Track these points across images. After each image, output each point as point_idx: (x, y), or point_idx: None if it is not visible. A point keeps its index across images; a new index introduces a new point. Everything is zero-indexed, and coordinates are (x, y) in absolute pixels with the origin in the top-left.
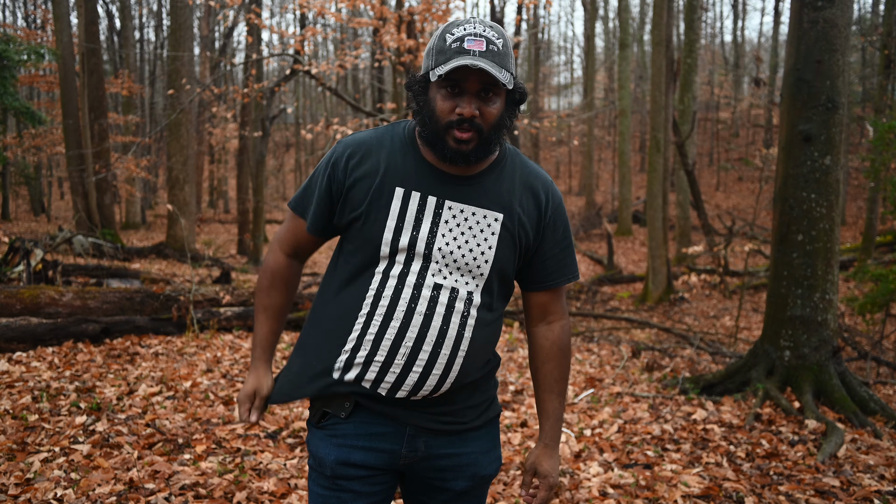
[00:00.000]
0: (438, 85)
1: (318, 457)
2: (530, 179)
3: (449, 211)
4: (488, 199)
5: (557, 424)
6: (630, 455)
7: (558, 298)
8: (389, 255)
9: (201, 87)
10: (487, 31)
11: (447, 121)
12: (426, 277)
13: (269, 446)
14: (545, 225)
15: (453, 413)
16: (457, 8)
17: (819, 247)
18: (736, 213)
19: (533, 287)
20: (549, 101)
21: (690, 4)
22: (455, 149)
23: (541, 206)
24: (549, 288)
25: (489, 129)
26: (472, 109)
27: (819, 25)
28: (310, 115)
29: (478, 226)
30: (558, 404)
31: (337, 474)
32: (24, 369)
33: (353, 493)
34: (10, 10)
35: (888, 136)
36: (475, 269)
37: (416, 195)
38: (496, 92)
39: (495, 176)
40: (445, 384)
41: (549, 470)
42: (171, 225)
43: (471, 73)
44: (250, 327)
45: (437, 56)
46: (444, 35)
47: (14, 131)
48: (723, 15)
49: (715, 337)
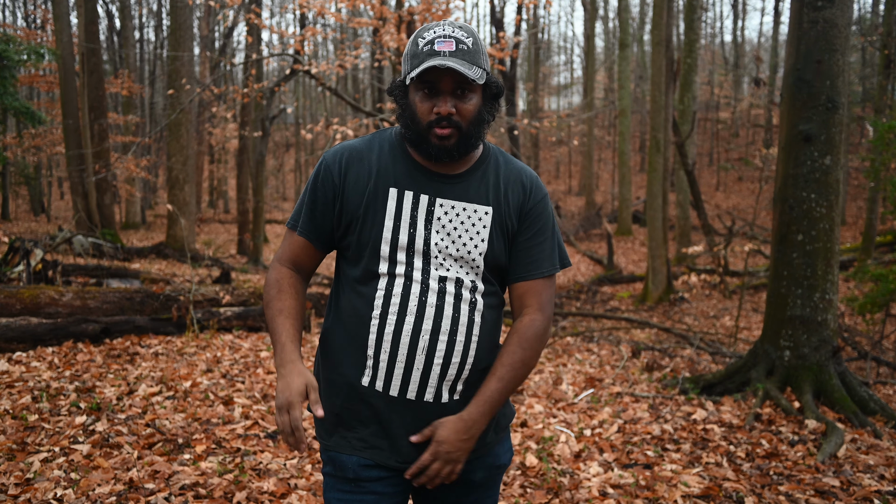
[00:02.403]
0: (416, 87)
1: (337, 462)
2: (515, 173)
3: (441, 208)
4: (477, 195)
5: (485, 407)
6: (630, 455)
7: (532, 293)
8: (390, 254)
9: (201, 87)
10: (456, 32)
11: (427, 121)
12: (430, 272)
13: (269, 446)
14: (525, 214)
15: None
16: (457, 8)
17: (819, 247)
18: (736, 213)
19: (510, 279)
20: (549, 101)
21: (690, 4)
22: (438, 146)
23: (524, 197)
24: (523, 279)
25: (468, 124)
26: (449, 108)
27: (819, 25)
28: (310, 115)
29: (469, 220)
30: (495, 388)
31: (360, 476)
32: (24, 369)
33: (376, 495)
34: (10, 10)
35: (888, 136)
36: (471, 260)
37: (409, 194)
38: (471, 88)
39: (481, 173)
40: (465, 371)
41: (446, 437)
42: (171, 225)
43: (444, 74)
44: (250, 327)
45: (411, 60)
46: (417, 40)
47: (14, 131)
48: (723, 15)
49: (715, 337)
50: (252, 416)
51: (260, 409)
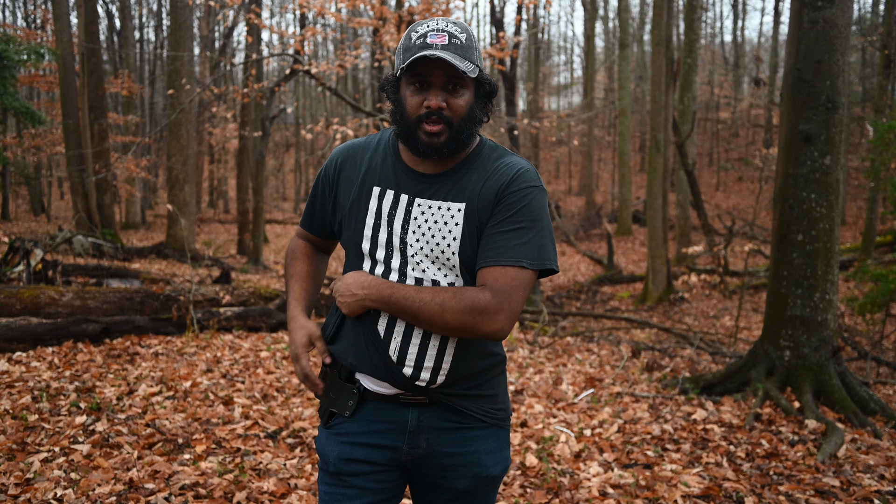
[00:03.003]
0: (407, 81)
1: (322, 454)
2: (503, 167)
3: (418, 208)
4: (455, 192)
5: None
6: (630, 455)
7: (491, 278)
8: (370, 252)
9: (201, 87)
10: (450, 27)
11: (417, 115)
12: (407, 273)
13: (269, 446)
14: (498, 202)
15: (454, 409)
16: (457, 8)
17: (819, 247)
18: (736, 213)
19: (477, 265)
20: (549, 101)
21: (690, 4)
22: (427, 142)
23: (502, 187)
24: (481, 267)
25: (459, 120)
26: (439, 101)
27: (819, 25)
28: (310, 115)
29: (442, 219)
30: (408, 289)
31: (340, 470)
32: (24, 369)
33: (358, 489)
34: (10, 10)
35: (888, 136)
36: (446, 259)
37: (390, 193)
38: (462, 84)
39: (464, 171)
40: (440, 375)
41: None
42: (171, 225)
43: (436, 67)
44: (250, 327)
45: (403, 54)
46: (410, 34)
47: (14, 131)
48: (723, 15)
49: (715, 337)
50: (252, 416)
51: (260, 409)
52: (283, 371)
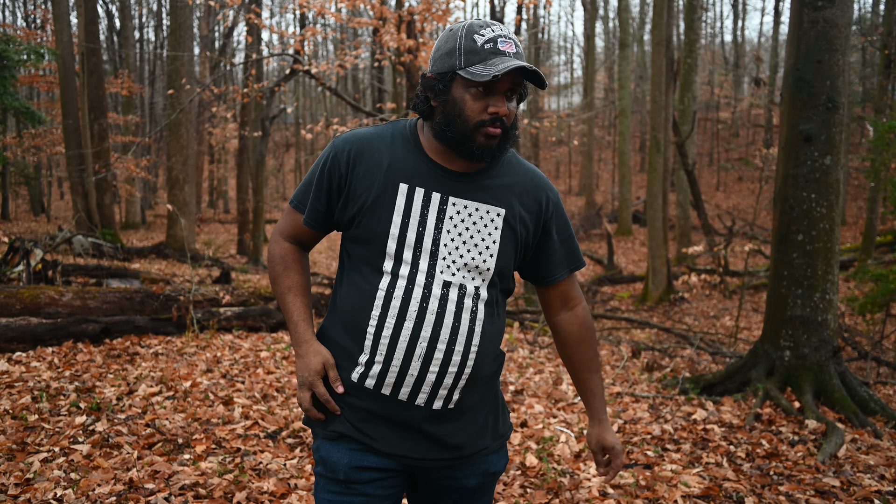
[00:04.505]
0: (466, 84)
1: (329, 462)
2: (528, 176)
3: (453, 207)
4: (490, 196)
5: (603, 399)
6: (630, 455)
7: (574, 285)
8: (396, 252)
9: (201, 87)
10: (512, 35)
11: (478, 120)
12: (435, 276)
13: (268, 446)
14: (547, 219)
15: (462, 431)
16: (457, 8)
17: (819, 247)
18: (736, 213)
19: (550, 280)
20: (549, 101)
21: (690, 4)
22: (484, 145)
23: (541, 202)
24: (565, 277)
25: (511, 126)
26: (507, 108)
27: (819, 25)
28: (310, 115)
29: (481, 221)
30: (599, 380)
31: (351, 478)
32: (24, 369)
33: (366, 497)
34: (10, 10)
35: (888, 136)
36: (481, 264)
37: (420, 191)
38: (519, 91)
39: (494, 172)
40: (461, 381)
41: (615, 442)
42: (171, 225)
43: (505, 74)
44: (250, 327)
45: (467, 55)
46: (472, 35)
47: (14, 131)
48: (723, 15)
49: (715, 337)
50: (252, 416)
51: (260, 409)
52: (283, 371)
